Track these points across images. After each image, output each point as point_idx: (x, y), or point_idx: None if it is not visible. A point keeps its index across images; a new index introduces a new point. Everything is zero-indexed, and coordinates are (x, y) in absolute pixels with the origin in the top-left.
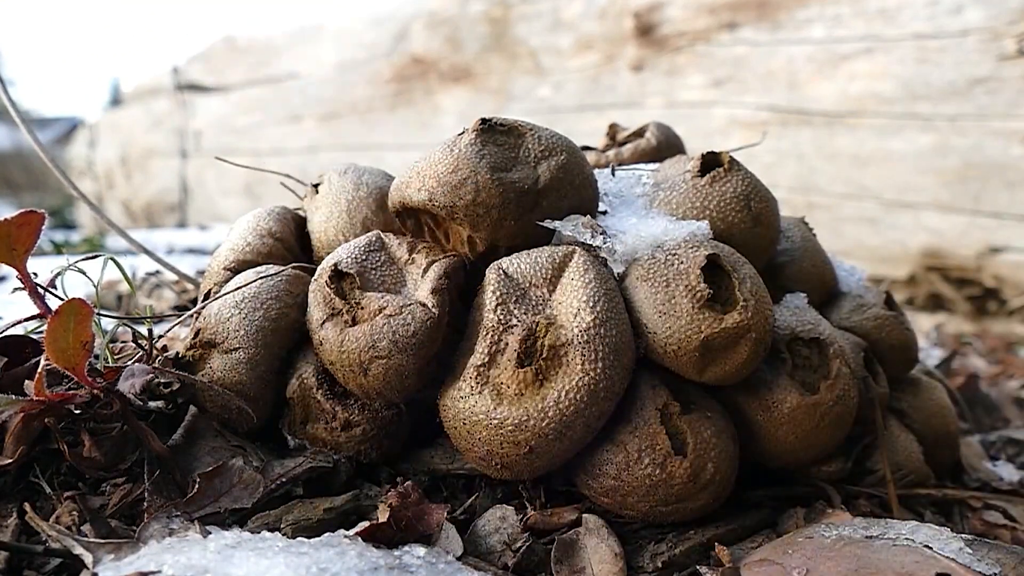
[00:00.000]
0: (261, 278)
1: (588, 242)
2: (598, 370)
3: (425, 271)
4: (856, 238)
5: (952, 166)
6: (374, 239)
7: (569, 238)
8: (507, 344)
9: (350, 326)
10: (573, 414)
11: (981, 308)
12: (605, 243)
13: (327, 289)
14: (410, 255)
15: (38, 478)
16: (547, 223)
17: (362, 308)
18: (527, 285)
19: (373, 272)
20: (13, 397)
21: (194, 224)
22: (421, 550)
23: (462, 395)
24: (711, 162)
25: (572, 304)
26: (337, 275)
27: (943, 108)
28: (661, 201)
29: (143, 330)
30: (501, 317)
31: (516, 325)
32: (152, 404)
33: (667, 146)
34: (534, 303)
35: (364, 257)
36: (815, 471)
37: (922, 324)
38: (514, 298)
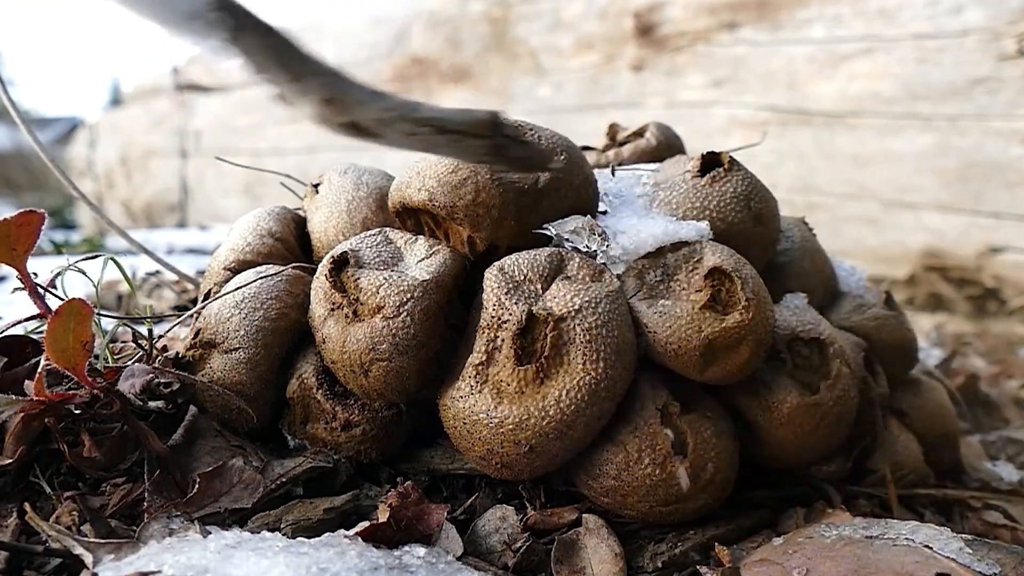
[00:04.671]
0: (261, 278)
1: (587, 246)
2: (599, 370)
3: (427, 253)
4: (856, 238)
5: (952, 166)
6: (375, 231)
7: (568, 241)
8: (503, 340)
9: (351, 321)
10: (574, 413)
11: (981, 308)
12: (604, 246)
13: (327, 283)
14: (413, 235)
15: (38, 478)
16: (545, 229)
17: (361, 304)
18: (521, 279)
19: (370, 251)
20: (13, 397)
21: (194, 224)
22: (421, 550)
23: (462, 394)
24: (711, 162)
25: (574, 303)
26: (336, 268)
27: (943, 108)
28: (661, 201)
29: (143, 330)
30: (496, 313)
31: (509, 320)
32: (152, 404)
33: (667, 146)
34: (526, 295)
35: (362, 239)
36: (815, 471)
37: (922, 324)
38: (506, 291)
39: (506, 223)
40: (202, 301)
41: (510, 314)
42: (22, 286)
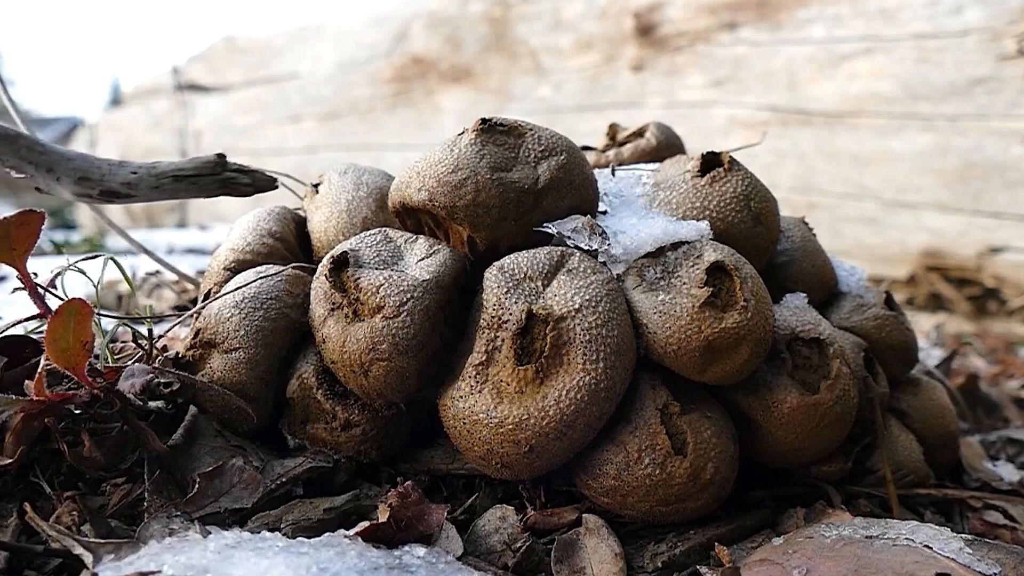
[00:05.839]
0: (261, 278)
1: (587, 245)
2: (599, 370)
3: (427, 253)
4: (856, 238)
5: (952, 166)
6: (375, 231)
7: (569, 240)
8: (503, 340)
9: (351, 321)
10: (574, 413)
11: (981, 308)
12: (605, 245)
13: (327, 283)
14: (413, 235)
15: (38, 478)
16: (545, 227)
17: (361, 304)
18: (521, 278)
19: (370, 250)
20: (13, 397)
21: (194, 224)
22: (421, 550)
23: (462, 395)
24: (711, 162)
25: (574, 302)
26: (336, 268)
27: (943, 108)
28: (661, 201)
29: (143, 330)
30: (496, 313)
31: (509, 319)
32: (152, 404)
33: (667, 146)
34: (526, 294)
35: (362, 239)
36: (815, 471)
37: (922, 324)
38: (506, 290)
39: (506, 223)
40: (202, 301)
41: (510, 314)
42: (22, 286)
